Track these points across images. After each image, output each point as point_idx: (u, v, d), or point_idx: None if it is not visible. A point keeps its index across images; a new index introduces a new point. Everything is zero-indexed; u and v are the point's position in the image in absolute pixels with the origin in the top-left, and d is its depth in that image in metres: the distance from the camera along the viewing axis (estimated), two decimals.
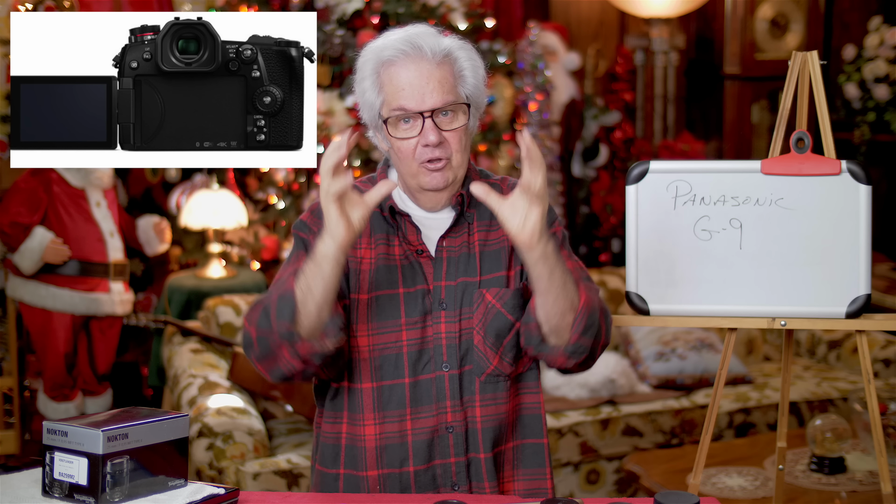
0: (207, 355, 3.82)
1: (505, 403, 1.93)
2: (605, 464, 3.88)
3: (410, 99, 1.83)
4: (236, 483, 3.23)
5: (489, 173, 2.03)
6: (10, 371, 4.55)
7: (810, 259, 2.16)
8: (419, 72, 1.84)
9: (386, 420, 1.89)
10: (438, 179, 1.86)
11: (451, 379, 1.89)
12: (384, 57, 1.85)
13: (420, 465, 1.89)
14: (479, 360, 1.90)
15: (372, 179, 1.98)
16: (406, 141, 1.85)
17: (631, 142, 5.75)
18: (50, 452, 1.68)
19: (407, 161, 1.87)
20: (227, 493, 1.76)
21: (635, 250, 2.21)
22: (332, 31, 4.42)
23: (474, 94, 1.90)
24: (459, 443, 1.89)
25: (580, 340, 1.82)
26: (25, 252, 4.19)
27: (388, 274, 1.89)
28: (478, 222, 1.93)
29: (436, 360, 1.89)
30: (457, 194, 1.92)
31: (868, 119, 5.65)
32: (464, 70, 1.88)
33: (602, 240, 5.71)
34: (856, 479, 3.20)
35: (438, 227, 1.93)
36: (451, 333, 1.89)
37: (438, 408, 1.89)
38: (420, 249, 1.90)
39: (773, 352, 4.69)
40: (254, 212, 4.77)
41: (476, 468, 1.91)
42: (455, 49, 1.88)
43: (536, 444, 1.96)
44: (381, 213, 1.92)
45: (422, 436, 1.89)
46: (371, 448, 1.89)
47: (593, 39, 5.94)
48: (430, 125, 1.83)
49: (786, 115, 2.22)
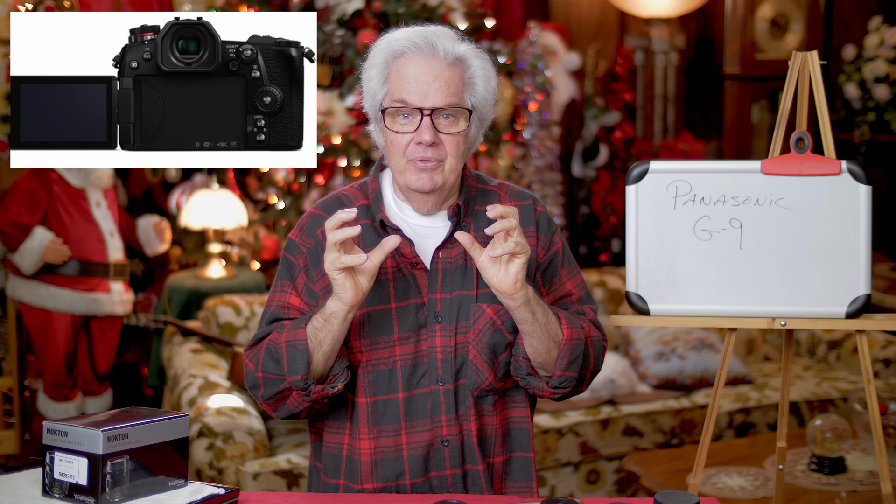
0: (207, 355, 3.82)
1: (494, 416, 1.92)
2: (605, 464, 3.88)
3: (413, 93, 1.80)
4: (236, 483, 3.23)
5: (486, 178, 2.00)
6: (10, 371, 4.55)
7: (810, 259, 2.16)
8: (428, 68, 1.81)
9: (381, 434, 1.87)
10: (425, 180, 1.82)
11: (447, 393, 1.87)
12: (395, 48, 1.83)
13: (416, 479, 1.88)
14: (473, 374, 1.87)
15: (363, 186, 1.95)
16: (401, 135, 1.82)
17: (631, 142, 5.75)
18: (50, 452, 1.68)
19: (397, 156, 1.84)
20: (227, 493, 1.76)
21: (635, 250, 2.20)
22: (332, 31, 4.42)
23: (481, 104, 1.87)
24: (455, 455, 1.88)
25: (564, 374, 1.85)
26: (25, 252, 4.19)
27: (380, 289, 1.86)
28: (475, 234, 1.88)
29: (431, 375, 1.87)
30: (453, 205, 1.89)
31: (868, 119, 5.64)
32: (475, 78, 1.85)
33: (602, 240, 5.70)
34: (856, 479, 3.20)
35: (432, 237, 1.89)
36: (447, 347, 1.87)
37: (434, 422, 1.87)
38: (414, 262, 1.87)
39: (773, 352, 4.69)
40: (254, 212, 4.77)
41: (474, 479, 1.89)
42: (470, 56, 1.85)
43: (524, 458, 1.96)
44: (372, 224, 1.89)
45: (417, 450, 1.87)
46: (367, 462, 1.88)
47: (593, 39, 5.94)
48: (428, 124, 1.80)
49: (786, 115, 2.21)
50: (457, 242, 1.87)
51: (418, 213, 1.90)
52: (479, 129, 1.90)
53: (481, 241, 1.84)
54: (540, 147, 5.19)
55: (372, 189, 1.92)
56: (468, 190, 1.93)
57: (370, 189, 1.92)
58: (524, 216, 1.93)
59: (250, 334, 3.88)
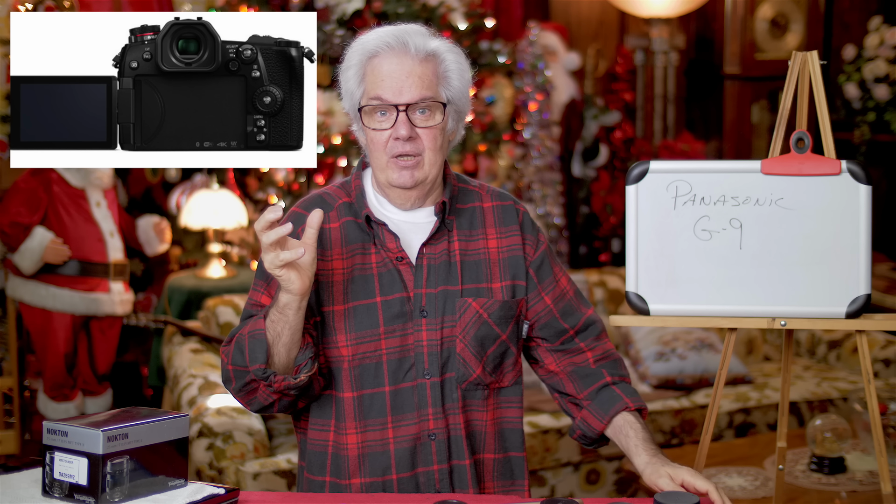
0: (207, 355, 3.82)
1: (484, 412, 1.93)
2: (605, 464, 3.88)
3: (388, 90, 1.84)
4: (236, 483, 3.23)
5: (467, 179, 2.03)
6: (10, 371, 4.55)
7: (810, 259, 2.16)
8: (401, 66, 1.84)
9: (367, 429, 1.88)
10: (407, 177, 1.86)
11: (433, 386, 1.89)
12: (369, 48, 1.87)
13: (403, 473, 1.89)
14: (461, 367, 1.89)
15: (345, 185, 1.98)
16: (379, 132, 1.86)
17: (631, 142, 5.75)
18: (50, 452, 1.68)
19: (378, 153, 1.87)
20: (227, 492, 1.76)
21: (635, 250, 2.20)
22: (332, 31, 4.42)
23: (457, 97, 1.90)
24: (442, 450, 1.89)
25: None
26: (25, 252, 4.20)
27: (365, 284, 1.88)
28: (458, 231, 1.93)
29: (417, 368, 1.88)
30: (440, 202, 1.92)
31: (868, 119, 5.65)
32: (448, 72, 1.88)
33: (602, 240, 5.71)
34: (856, 479, 3.20)
35: (416, 231, 1.92)
36: (433, 341, 1.88)
37: (420, 415, 1.88)
38: (400, 256, 1.89)
39: (773, 352, 4.69)
40: (254, 212, 4.77)
41: (460, 475, 1.90)
42: (443, 51, 1.88)
43: (517, 458, 1.99)
44: (355, 220, 1.91)
45: (404, 443, 1.88)
46: (354, 457, 1.89)
47: (593, 39, 5.94)
48: (403, 119, 1.83)
49: (786, 115, 2.21)
50: (441, 238, 1.91)
51: (399, 209, 1.93)
52: (458, 121, 1.93)
53: (464, 241, 1.91)
54: (540, 147, 5.19)
55: (355, 186, 1.95)
56: (451, 188, 1.95)
57: (353, 186, 1.95)
58: (507, 217, 1.98)
59: None
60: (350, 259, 1.90)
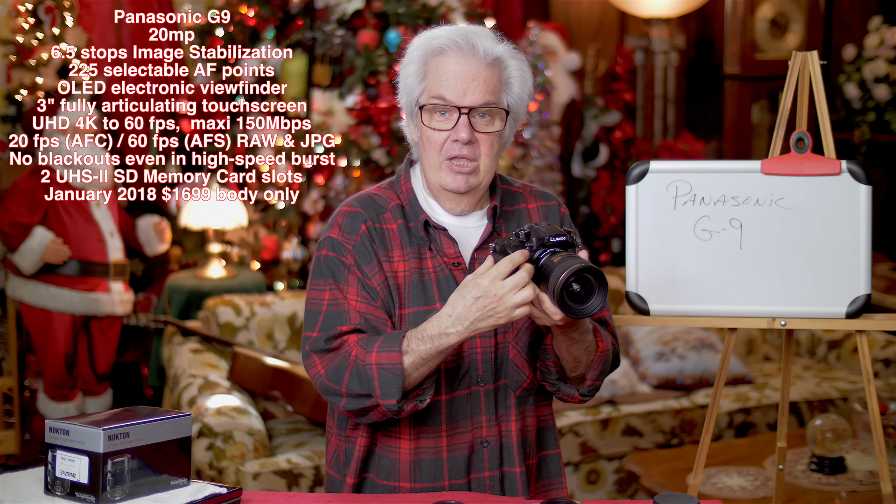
0: (207, 355, 3.83)
1: (533, 417, 1.92)
2: (605, 464, 3.89)
3: (452, 90, 1.80)
4: (236, 483, 3.23)
5: (511, 180, 2.00)
6: (10, 371, 4.55)
7: (810, 259, 2.16)
8: (467, 67, 1.81)
9: (421, 436, 1.85)
10: (461, 182, 1.83)
11: (487, 394, 1.86)
12: (435, 45, 1.83)
13: (456, 480, 1.86)
14: (515, 373, 1.87)
15: (394, 186, 1.92)
16: (437, 132, 1.82)
17: (631, 142, 5.75)
18: (52, 451, 1.68)
19: (433, 153, 1.83)
20: (229, 492, 1.76)
21: (635, 250, 2.21)
22: (332, 31, 4.42)
23: (516, 105, 1.87)
24: (494, 457, 1.87)
25: (594, 383, 1.87)
26: (25, 252, 4.19)
27: (424, 289, 1.84)
28: (505, 234, 1.89)
29: (471, 376, 1.85)
30: (492, 206, 1.89)
31: (868, 119, 5.65)
32: (511, 78, 1.85)
33: (602, 240, 5.71)
34: (856, 479, 3.20)
35: (468, 236, 1.88)
36: (487, 348, 1.85)
37: (474, 423, 1.86)
38: (456, 262, 1.86)
39: (773, 352, 4.69)
40: (254, 212, 4.77)
41: (510, 482, 1.88)
42: (507, 57, 1.85)
43: (553, 455, 1.97)
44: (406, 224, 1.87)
45: (458, 451, 1.86)
46: (406, 461, 1.85)
47: (593, 39, 5.94)
48: (465, 121, 1.80)
49: (786, 115, 2.22)
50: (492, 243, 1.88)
51: (449, 213, 1.89)
52: (513, 130, 1.90)
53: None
54: (540, 147, 5.19)
55: (406, 189, 1.90)
56: (500, 191, 1.93)
57: (404, 189, 1.91)
58: (551, 216, 1.96)
59: (250, 334, 3.88)
60: (409, 262, 1.85)
